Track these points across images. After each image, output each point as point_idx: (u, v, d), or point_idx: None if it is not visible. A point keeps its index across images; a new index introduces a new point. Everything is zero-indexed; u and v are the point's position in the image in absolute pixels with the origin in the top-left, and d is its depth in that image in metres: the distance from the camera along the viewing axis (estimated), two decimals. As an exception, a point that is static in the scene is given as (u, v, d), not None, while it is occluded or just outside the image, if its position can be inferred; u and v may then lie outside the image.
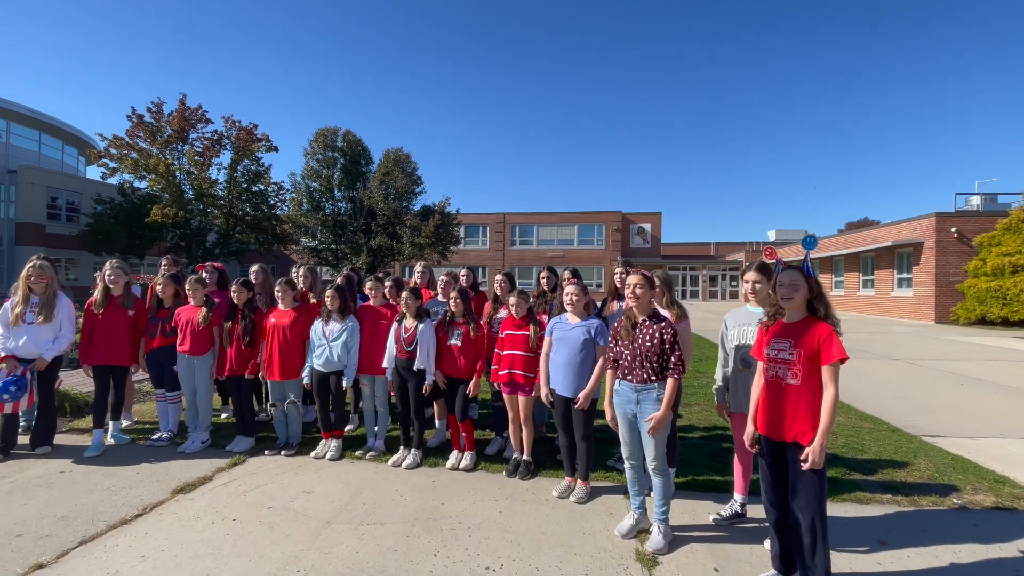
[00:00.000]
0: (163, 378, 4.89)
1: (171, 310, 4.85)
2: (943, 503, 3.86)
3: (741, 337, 3.34)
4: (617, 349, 3.26)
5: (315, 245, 28.41)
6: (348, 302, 4.64)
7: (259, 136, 26.98)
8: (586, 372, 3.67)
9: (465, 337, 4.28)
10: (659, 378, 3.08)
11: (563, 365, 3.70)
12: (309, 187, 27.79)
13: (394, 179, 26.99)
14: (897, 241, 21.83)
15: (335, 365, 4.50)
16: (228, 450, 4.66)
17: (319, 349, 4.52)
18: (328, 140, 27.85)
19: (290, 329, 4.55)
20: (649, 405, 3.08)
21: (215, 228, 27.44)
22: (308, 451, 4.64)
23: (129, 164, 25.21)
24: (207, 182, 25.76)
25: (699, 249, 47.35)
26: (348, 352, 4.52)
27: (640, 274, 3.16)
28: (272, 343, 4.55)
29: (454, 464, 4.29)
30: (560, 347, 3.75)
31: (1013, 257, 17.82)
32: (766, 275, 3.31)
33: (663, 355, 3.08)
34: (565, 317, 3.85)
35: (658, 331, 3.09)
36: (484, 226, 40.38)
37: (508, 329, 4.15)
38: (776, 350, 2.68)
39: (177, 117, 25.81)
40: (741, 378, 3.33)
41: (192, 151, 25.62)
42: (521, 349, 4.06)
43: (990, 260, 18.60)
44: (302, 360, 4.62)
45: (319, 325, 4.57)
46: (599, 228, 39.33)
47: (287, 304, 4.68)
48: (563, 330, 3.77)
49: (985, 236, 19.37)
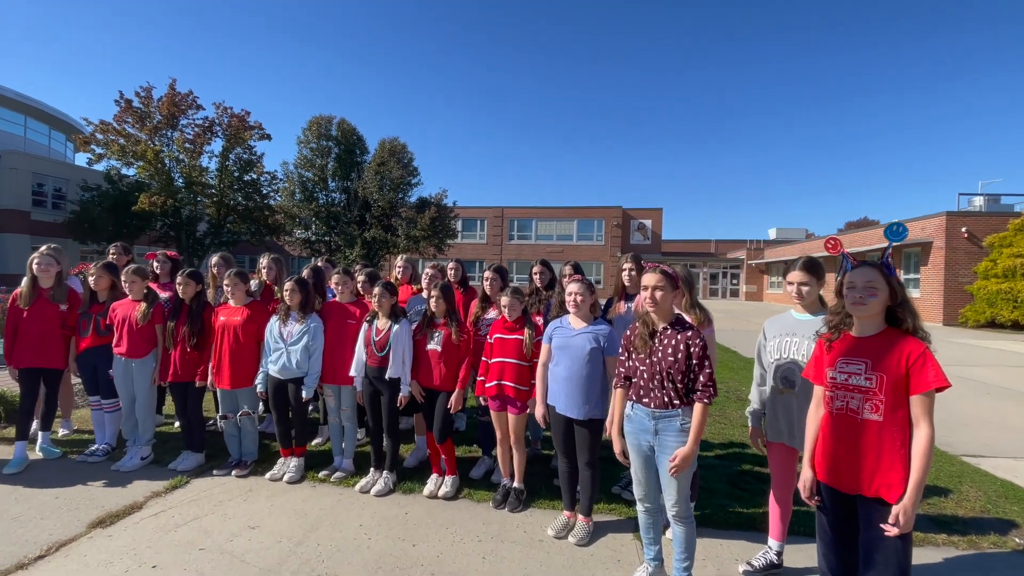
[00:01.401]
0: (98, 383, 4.23)
1: (106, 304, 4.18)
2: (1004, 543, 3.27)
3: (783, 350, 2.70)
4: (630, 364, 2.61)
5: (308, 236, 27.68)
6: (310, 298, 3.98)
7: (252, 123, 26.33)
8: (593, 389, 3.02)
9: (446, 341, 3.62)
10: (683, 402, 2.44)
11: (565, 379, 3.05)
12: (302, 177, 27.09)
13: (389, 169, 26.26)
14: (906, 240, 21.25)
15: (294, 372, 3.84)
16: (171, 468, 4.00)
17: (275, 353, 3.86)
18: (322, 128, 27.09)
19: (242, 329, 3.89)
20: (671, 437, 2.44)
21: (206, 218, 26.81)
22: (265, 470, 4.00)
23: (116, 150, 24.61)
24: (197, 170, 25.11)
25: (699, 246, 46.69)
26: (309, 357, 3.87)
27: (660, 272, 2.50)
28: (221, 345, 3.89)
29: (432, 491, 3.65)
30: (562, 357, 3.10)
31: None
32: (815, 274, 2.67)
33: (689, 372, 2.43)
34: (567, 320, 3.19)
35: (683, 342, 2.44)
36: (482, 220, 39.60)
37: (498, 333, 3.50)
38: (846, 373, 2.03)
39: (167, 102, 25.16)
40: (781, 401, 2.69)
41: (182, 138, 25.04)
42: (513, 356, 3.41)
43: (1001, 261, 18.07)
44: (257, 365, 3.95)
45: (275, 325, 3.91)
46: (599, 223, 38.59)
47: (239, 300, 4.01)
48: (565, 336, 3.12)
49: (996, 236, 18.86)
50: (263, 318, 3.99)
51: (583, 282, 3.12)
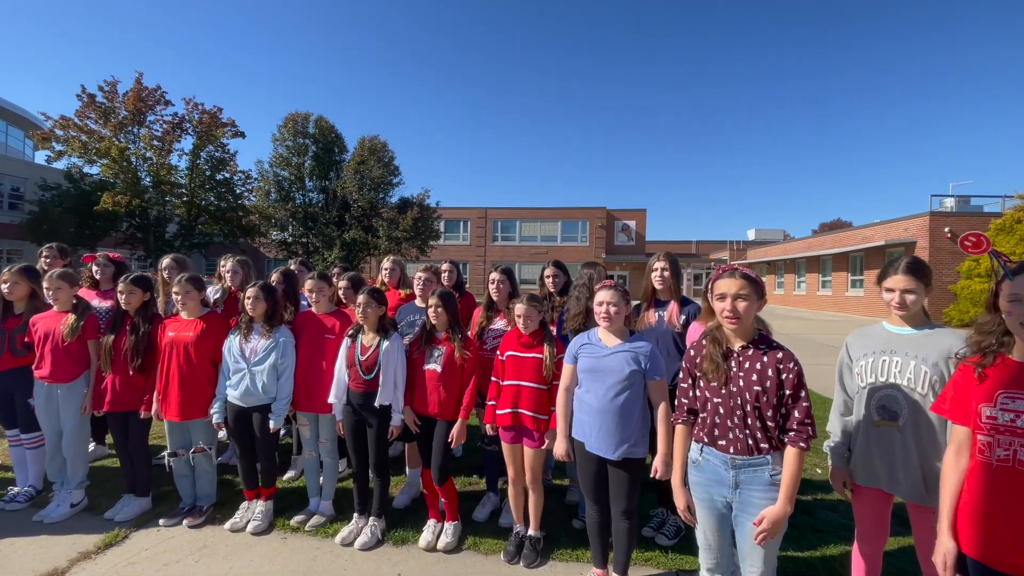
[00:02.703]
0: (15, 414, 3.47)
1: (24, 318, 3.43)
2: None
3: (878, 372, 2.15)
4: (696, 394, 2.03)
5: (284, 238, 26.58)
6: (278, 307, 3.31)
7: (224, 120, 25.22)
8: (632, 421, 2.42)
9: (448, 360, 2.99)
10: (773, 446, 1.86)
11: (598, 411, 2.45)
12: (278, 176, 26.01)
13: (369, 169, 25.35)
14: (889, 241, 21.40)
15: (259, 398, 3.16)
16: (108, 518, 3.28)
17: (236, 375, 3.17)
18: (299, 126, 26.04)
19: (195, 346, 3.19)
20: (757, 492, 1.86)
21: (176, 219, 25.60)
22: (225, 516, 3.31)
23: (78, 147, 23.35)
24: (166, 168, 23.94)
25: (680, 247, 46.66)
26: (278, 379, 3.19)
27: (742, 276, 1.92)
28: (169, 367, 3.19)
29: (430, 542, 3.01)
30: (592, 382, 2.49)
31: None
32: (923, 279, 2.13)
33: (780, 406, 1.86)
34: (595, 336, 2.59)
35: (771, 366, 1.87)
36: (465, 220, 38.82)
37: (512, 349, 2.88)
38: (1013, 412, 1.48)
39: (132, 97, 24.00)
40: (878, 435, 2.14)
41: (149, 135, 23.85)
42: (530, 379, 2.80)
43: (984, 261, 18.20)
44: (213, 390, 3.25)
45: (235, 341, 3.21)
46: (583, 224, 38.16)
47: (192, 311, 3.30)
48: (595, 356, 2.51)
49: (979, 236, 18.99)
50: (221, 333, 3.29)
51: (616, 289, 2.52)
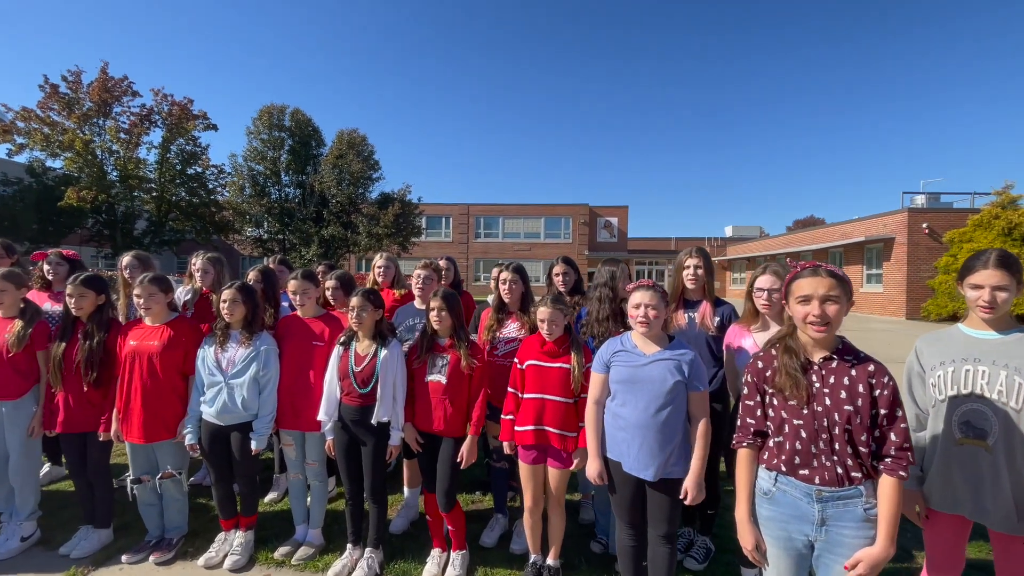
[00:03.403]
0: (-51, 437, 3.00)
1: (-42, 326, 2.96)
2: None
3: (960, 383, 1.88)
4: (767, 413, 1.72)
5: (260, 235, 25.72)
6: (259, 311, 2.91)
7: (195, 112, 24.27)
8: (674, 438, 2.12)
9: (453, 370, 2.63)
10: (865, 475, 1.57)
11: (637, 426, 2.13)
12: (252, 170, 25.11)
13: (348, 163, 24.63)
14: (869, 236, 21.70)
15: (238, 415, 2.76)
16: (64, 553, 2.85)
17: (212, 389, 2.76)
18: (274, 119, 25.15)
19: (161, 357, 2.77)
20: (849, 529, 1.57)
21: (145, 215, 24.59)
22: (199, 549, 2.90)
23: (40, 140, 22.23)
24: (134, 162, 22.95)
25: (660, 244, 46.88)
26: (260, 393, 2.79)
27: (829, 274, 1.62)
28: (130, 382, 2.76)
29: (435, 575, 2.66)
30: (630, 394, 2.17)
31: (986, 254, 17.84)
32: (1017, 274, 1.86)
33: (875, 428, 1.56)
34: (630, 342, 2.27)
35: (861, 380, 1.57)
36: (447, 217, 38.24)
37: (533, 358, 2.53)
38: None
39: (97, 88, 22.95)
40: (959, 455, 1.87)
41: (116, 127, 22.79)
42: (556, 392, 2.47)
43: (961, 256, 18.50)
44: (183, 407, 2.84)
45: (211, 350, 2.81)
46: (566, 221, 37.95)
47: (157, 316, 2.87)
48: (633, 364, 2.19)
49: (956, 232, 19.38)
50: (192, 341, 2.87)
51: (656, 289, 2.20)
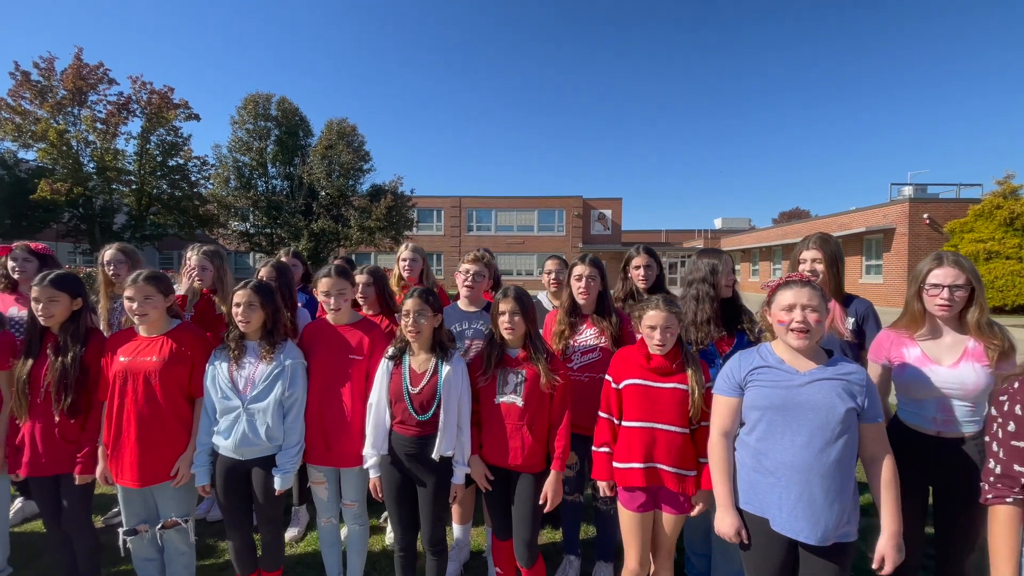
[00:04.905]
0: None
1: None
2: None
3: None
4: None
5: (246, 228, 24.80)
6: (280, 316, 2.35)
7: (176, 101, 23.32)
8: (847, 486, 1.62)
9: (531, 388, 2.11)
10: None
11: (798, 469, 1.63)
12: (237, 162, 24.20)
13: (338, 154, 23.80)
14: (868, 227, 21.57)
15: (261, 447, 2.21)
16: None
17: (226, 417, 2.21)
18: (260, 108, 24.20)
19: (161, 376, 2.20)
20: None
21: (124, 208, 23.62)
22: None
23: (11, 130, 21.33)
24: (111, 153, 21.97)
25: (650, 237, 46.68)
26: (285, 418, 2.24)
27: None
28: (122, 409, 2.19)
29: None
30: (783, 425, 1.67)
31: (986, 244, 17.79)
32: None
33: None
34: (772, 355, 1.77)
35: None
36: (439, 210, 37.46)
37: (636, 376, 2.02)
38: None
39: (71, 75, 22.00)
40: None
41: (92, 116, 21.86)
42: (670, 420, 1.96)
43: (962, 247, 18.45)
44: (187, 439, 2.28)
45: (222, 368, 2.25)
46: (560, 213, 37.41)
47: (156, 325, 2.29)
48: (784, 385, 1.69)
49: (957, 222, 19.36)
50: (200, 355, 2.31)
51: (812, 286, 1.70)
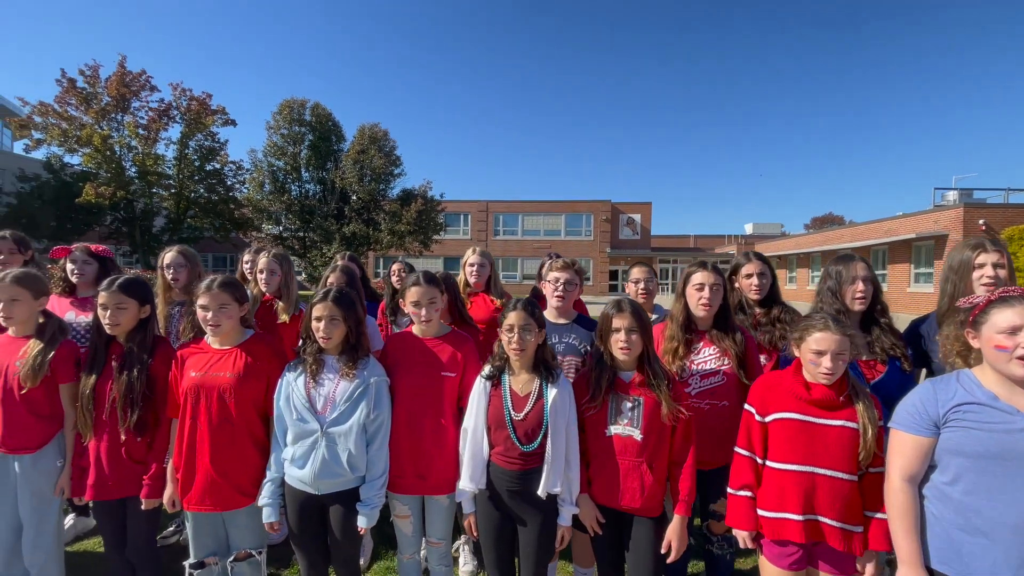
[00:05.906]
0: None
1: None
2: None
3: None
4: None
5: (279, 232, 25.14)
6: (361, 329, 2.12)
7: (214, 108, 24.00)
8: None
9: (650, 418, 1.83)
10: None
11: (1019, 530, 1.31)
12: (272, 166, 24.57)
13: (370, 158, 23.93)
14: (919, 234, 20.56)
15: (343, 479, 1.98)
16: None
17: (302, 442, 1.98)
18: (295, 113, 24.53)
19: (236, 393, 2.00)
20: None
21: (163, 212, 24.30)
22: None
23: (58, 135, 22.13)
24: (152, 158, 22.60)
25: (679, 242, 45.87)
26: (369, 445, 2.00)
27: None
28: (194, 427, 1.99)
29: None
30: (1001, 478, 1.35)
31: (1049, 252, 16.73)
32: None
33: None
34: (978, 386, 1.45)
35: None
36: (465, 214, 37.40)
37: (791, 409, 1.72)
38: None
39: (115, 82, 22.75)
40: None
41: (134, 122, 22.64)
42: (835, 464, 1.66)
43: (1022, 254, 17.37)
44: (264, 459, 2.07)
45: (298, 382, 2.02)
46: (587, 218, 36.92)
47: (228, 336, 2.09)
48: (1000, 428, 1.37)
49: (1015, 229, 18.30)
50: (276, 368, 2.10)
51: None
